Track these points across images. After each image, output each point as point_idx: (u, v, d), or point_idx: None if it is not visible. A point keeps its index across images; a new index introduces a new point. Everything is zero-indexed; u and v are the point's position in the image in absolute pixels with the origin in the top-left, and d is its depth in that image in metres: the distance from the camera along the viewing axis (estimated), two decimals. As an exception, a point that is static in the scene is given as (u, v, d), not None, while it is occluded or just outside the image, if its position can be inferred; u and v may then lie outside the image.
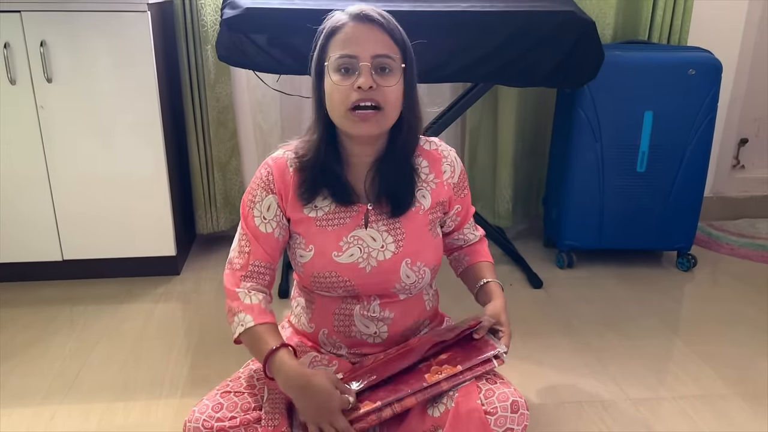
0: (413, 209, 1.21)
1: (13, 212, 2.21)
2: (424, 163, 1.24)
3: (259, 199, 1.19)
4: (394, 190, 1.19)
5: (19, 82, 2.08)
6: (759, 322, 2.14)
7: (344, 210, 1.19)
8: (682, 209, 2.43)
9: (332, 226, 1.18)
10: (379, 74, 1.10)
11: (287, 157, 1.20)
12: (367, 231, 1.19)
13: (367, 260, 1.18)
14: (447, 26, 1.94)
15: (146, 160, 2.22)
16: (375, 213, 1.20)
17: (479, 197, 2.76)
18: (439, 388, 1.07)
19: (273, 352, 1.10)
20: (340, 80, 1.10)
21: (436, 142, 1.27)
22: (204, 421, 1.07)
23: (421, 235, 1.21)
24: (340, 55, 1.10)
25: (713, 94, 2.30)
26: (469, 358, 1.10)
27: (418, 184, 1.22)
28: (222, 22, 1.90)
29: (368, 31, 1.10)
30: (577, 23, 1.98)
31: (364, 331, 1.23)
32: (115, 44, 2.09)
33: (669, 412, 1.68)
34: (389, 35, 1.11)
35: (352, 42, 1.10)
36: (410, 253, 1.19)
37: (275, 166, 1.20)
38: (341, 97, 1.10)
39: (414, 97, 1.17)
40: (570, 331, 2.07)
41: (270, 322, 1.15)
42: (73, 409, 1.68)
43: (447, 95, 2.65)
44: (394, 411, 1.06)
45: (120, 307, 2.19)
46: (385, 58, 1.10)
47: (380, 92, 1.10)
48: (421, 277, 1.21)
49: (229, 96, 2.51)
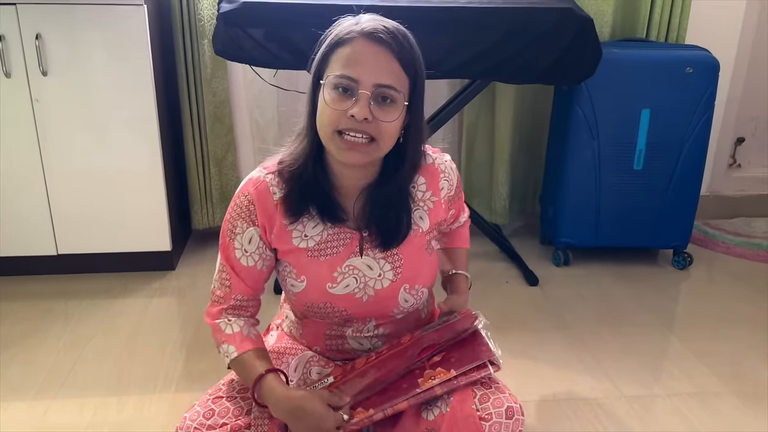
0: (411, 233, 1.13)
1: (8, 206, 2.20)
2: (421, 180, 1.15)
3: (240, 231, 1.10)
4: (386, 222, 1.10)
5: (14, 76, 2.07)
6: (754, 320, 2.15)
7: (336, 238, 1.11)
8: (679, 207, 2.43)
9: (325, 256, 1.11)
10: (378, 105, 0.99)
11: (269, 182, 1.09)
12: (362, 259, 1.12)
13: (364, 290, 1.12)
14: (444, 22, 1.94)
15: (142, 155, 2.21)
16: (370, 239, 1.12)
17: (476, 194, 2.76)
18: (433, 393, 1.05)
19: (260, 379, 1.06)
20: (334, 101, 0.99)
21: (431, 153, 1.17)
22: (195, 428, 1.05)
23: (418, 257, 1.15)
24: (340, 74, 0.99)
25: (710, 92, 2.30)
26: (462, 361, 1.07)
27: (415, 206, 1.14)
28: (219, 16, 1.89)
29: (377, 54, 0.99)
30: (574, 20, 1.97)
31: (358, 348, 1.20)
32: (111, 38, 2.08)
33: (663, 410, 1.69)
34: (399, 63, 1.00)
35: (357, 63, 0.98)
36: (408, 278, 1.14)
37: (256, 195, 1.09)
38: (331, 119, 1.00)
39: (419, 129, 1.07)
40: (565, 328, 2.07)
41: (252, 348, 1.10)
42: (67, 403, 1.67)
43: (444, 92, 2.65)
44: (385, 414, 1.05)
45: (115, 302, 2.19)
46: (388, 89, 0.99)
47: (375, 125, 0.99)
48: (419, 298, 1.17)
49: (225, 91, 2.50)
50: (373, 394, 1.07)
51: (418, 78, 1.03)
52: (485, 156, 2.71)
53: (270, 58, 1.92)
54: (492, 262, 2.49)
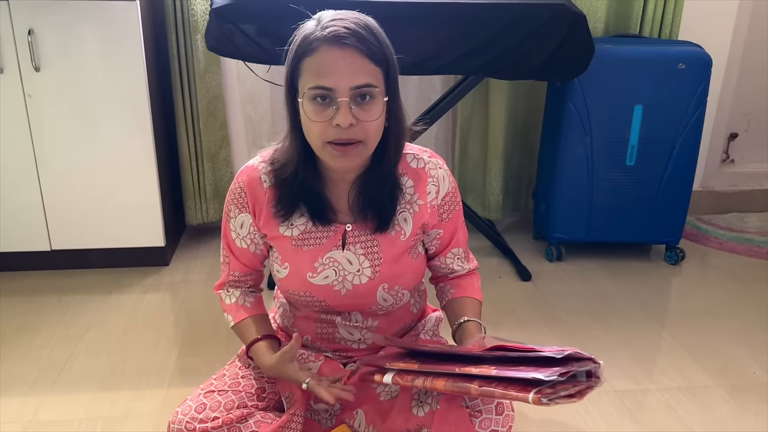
0: (393, 234, 1.14)
1: (1, 202, 2.20)
2: (409, 182, 1.15)
3: (233, 215, 1.17)
4: (378, 204, 1.12)
5: (6, 71, 2.06)
6: (744, 315, 2.16)
7: (321, 230, 1.14)
8: (671, 203, 2.45)
9: (308, 246, 1.14)
10: (359, 105, 1.00)
11: (261, 170, 1.14)
12: (343, 253, 1.14)
13: (342, 283, 1.14)
14: (438, 18, 1.94)
15: (135, 150, 2.21)
16: (353, 234, 1.14)
17: (470, 190, 2.77)
18: (468, 389, 0.94)
19: (251, 345, 1.19)
20: (315, 113, 1.00)
21: (424, 158, 1.17)
22: (187, 422, 1.08)
23: (399, 260, 1.16)
24: (315, 86, 0.99)
25: (703, 88, 2.30)
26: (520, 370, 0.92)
27: (402, 206, 1.15)
28: (211, 11, 1.89)
29: (345, 57, 0.98)
30: (567, 16, 1.98)
31: (348, 337, 1.22)
32: (104, 33, 2.07)
33: (653, 404, 1.70)
34: (369, 59, 0.99)
35: (328, 72, 0.98)
36: (387, 278, 1.15)
37: (247, 182, 1.14)
38: (318, 132, 1.01)
39: (398, 112, 1.08)
40: (557, 323, 2.09)
41: (248, 316, 1.22)
42: (60, 398, 1.68)
43: (438, 87, 2.65)
44: (424, 384, 0.99)
45: (108, 297, 2.19)
46: (364, 87, 0.99)
47: (361, 127, 1.00)
48: (399, 299, 1.19)
49: (218, 86, 2.50)
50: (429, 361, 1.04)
51: (389, 65, 1.03)
52: (479, 152, 2.72)
53: (263, 53, 1.92)
54: (485, 258, 2.50)
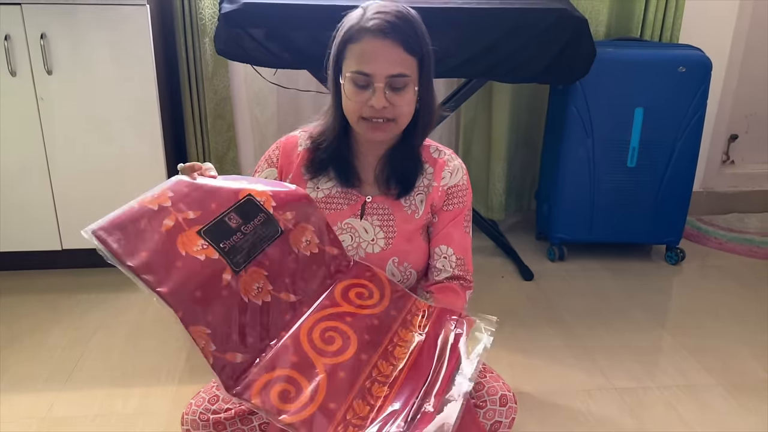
0: (409, 213, 1.23)
1: (13, 202, 2.23)
2: (429, 169, 1.26)
3: (261, 170, 1.27)
4: (401, 175, 1.23)
5: (19, 74, 2.10)
6: (744, 315, 2.19)
7: (344, 196, 1.24)
8: (672, 204, 2.48)
9: (330, 210, 1.23)
10: (393, 91, 1.12)
11: (300, 137, 1.27)
12: (361, 222, 1.23)
13: (357, 249, 1.21)
14: (440, 23, 1.96)
15: (144, 152, 2.24)
16: (372, 206, 1.23)
17: (473, 190, 2.77)
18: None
19: None
20: (354, 94, 1.14)
21: (445, 152, 1.28)
22: (201, 413, 1.10)
23: (411, 237, 1.23)
24: (356, 71, 1.12)
25: (703, 91, 2.33)
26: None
27: (420, 189, 1.24)
28: (220, 16, 1.92)
29: (384, 48, 1.11)
30: (570, 21, 2.00)
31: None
32: (115, 37, 2.11)
33: (653, 402, 1.73)
34: (405, 50, 1.11)
35: (368, 59, 1.11)
36: (398, 252, 1.22)
37: (284, 144, 1.27)
38: (355, 108, 1.15)
39: (430, 97, 1.20)
40: (559, 323, 2.12)
41: None
42: (74, 395, 1.71)
43: (442, 91, 2.68)
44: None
45: (119, 296, 2.22)
46: (399, 77, 1.11)
47: (392, 109, 1.13)
48: (407, 277, 1.23)
49: (226, 88, 2.53)
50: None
51: (424, 54, 1.15)
52: (482, 153, 2.75)
53: (271, 57, 1.95)
54: (488, 257, 2.53)
